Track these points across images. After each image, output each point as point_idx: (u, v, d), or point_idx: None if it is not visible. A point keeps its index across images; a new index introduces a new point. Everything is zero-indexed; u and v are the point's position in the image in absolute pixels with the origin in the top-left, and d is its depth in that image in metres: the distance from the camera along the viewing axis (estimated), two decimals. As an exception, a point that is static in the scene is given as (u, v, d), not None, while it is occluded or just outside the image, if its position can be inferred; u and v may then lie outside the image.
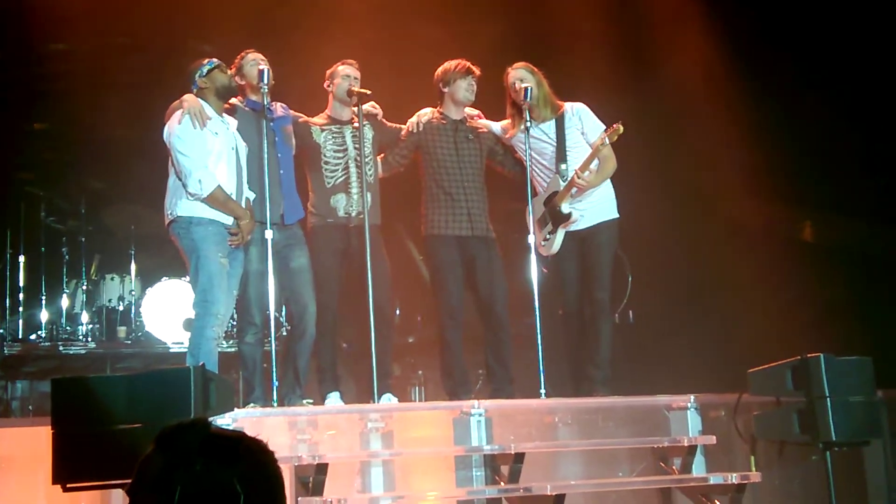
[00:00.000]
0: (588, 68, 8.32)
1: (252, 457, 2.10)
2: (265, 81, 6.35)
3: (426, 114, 7.05)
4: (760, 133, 8.00)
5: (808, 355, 5.46)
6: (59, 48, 9.28)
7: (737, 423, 6.19)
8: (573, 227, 6.82)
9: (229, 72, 6.39)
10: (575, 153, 6.82)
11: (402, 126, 7.07)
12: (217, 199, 6.06)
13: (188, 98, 6.20)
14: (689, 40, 8.28)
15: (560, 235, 6.83)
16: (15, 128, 10.36)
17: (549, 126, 6.91)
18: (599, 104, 7.05)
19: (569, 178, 6.73)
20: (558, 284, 6.90)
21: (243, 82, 6.62)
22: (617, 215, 6.93)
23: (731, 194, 8.39)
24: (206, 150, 6.08)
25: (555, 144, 6.87)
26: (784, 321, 7.66)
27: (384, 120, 7.03)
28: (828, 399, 5.39)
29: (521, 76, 6.92)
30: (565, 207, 6.76)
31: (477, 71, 7.00)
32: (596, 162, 6.75)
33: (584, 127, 6.88)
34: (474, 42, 8.07)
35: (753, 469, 6.04)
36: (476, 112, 7.18)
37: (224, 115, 6.37)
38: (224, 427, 2.31)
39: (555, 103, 6.95)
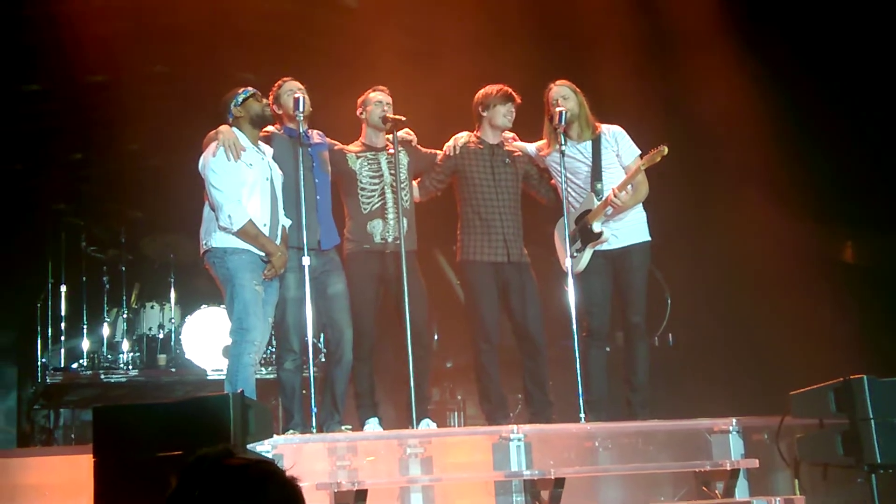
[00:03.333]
0: (621, 90, 8.29)
1: (253, 485, 2.08)
2: (301, 110, 6.38)
3: (462, 137, 7.04)
4: (799, 153, 7.93)
5: (851, 377, 5.38)
6: (98, 79, 9.38)
7: (779, 446, 6.12)
8: (604, 247, 6.79)
9: (264, 100, 6.44)
10: (610, 173, 6.80)
11: (437, 151, 7.08)
12: (248, 234, 6.10)
13: (223, 129, 6.24)
14: (723, 60, 8.23)
15: (588, 254, 6.79)
16: (55, 158, 10.50)
17: (586, 146, 6.89)
18: (632, 125, 7.03)
19: (604, 197, 6.71)
20: (584, 303, 6.79)
21: (280, 111, 6.66)
22: (649, 238, 6.88)
23: (770, 215, 8.32)
24: (239, 183, 6.12)
25: (590, 164, 6.85)
26: (826, 342, 7.57)
27: (419, 146, 7.05)
28: (872, 421, 5.30)
29: (563, 94, 6.90)
30: (597, 226, 6.73)
31: (517, 98, 6.99)
32: (629, 186, 6.72)
33: (620, 149, 6.86)
34: (509, 65, 8.08)
35: (797, 492, 5.97)
36: (511, 134, 7.17)
37: (260, 143, 6.41)
38: (248, 454, 2.30)
39: (593, 124, 6.93)
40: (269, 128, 6.58)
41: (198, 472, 2.08)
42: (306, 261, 6.24)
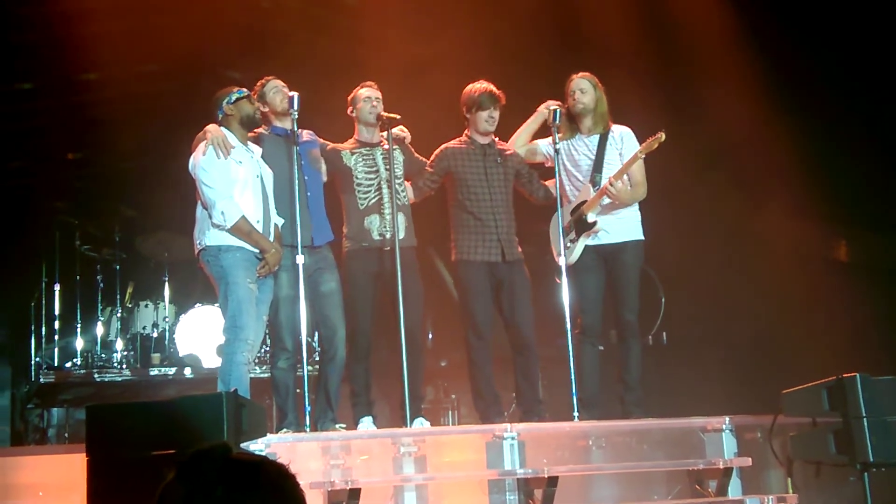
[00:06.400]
0: (623, 87, 8.29)
1: (272, 482, 2.08)
2: (295, 108, 6.39)
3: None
4: (794, 150, 7.94)
5: (844, 375, 5.40)
6: (91, 77, 9.37)
7: (773, 445, 6.13)
8: (597, 241, 6.79)
9: (257, 104, 6.45)
10: (610, 169, 6.81)
11: (426, 160, 7.06)
12: (241, 230, 6.09)
13: (211, 128, 6.24)
14: (725, 59, 8.22)
15: (580, 245, 6.80)
16: (49, 157, 10.49)
17: (593, 140, 6.90)
18: (632, 122, 7.03)
19: (600, 187, 6.72)
20: (577, 301, 6.79)
21: (266, 109, 6.66)
22: (642, 237, 6.89)
23: (764, 212, 8.33)
24: (230, 181, 6.12)
25: (593, 158, 6.86)
26: (819, 341, 7.59)
27: (411, 146, 7.03)
28: (865, 419, 5.32)
29: (581, 86, 6.90)
30: (591, 216, 6.74)
31: (502, 98, 6.96)
32: (627, 179, 6.72)
33: (623, 149, 6.85)
34: (507, 64, 8.06)
35: (790, 491, 5.97)
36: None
37: (249, 142, 6.42)
38: (248, 451, 2.28)
39: (606, 121, 6.93)
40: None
41: (211, 469, 2.06)
42: (300, 259, 6.24)
